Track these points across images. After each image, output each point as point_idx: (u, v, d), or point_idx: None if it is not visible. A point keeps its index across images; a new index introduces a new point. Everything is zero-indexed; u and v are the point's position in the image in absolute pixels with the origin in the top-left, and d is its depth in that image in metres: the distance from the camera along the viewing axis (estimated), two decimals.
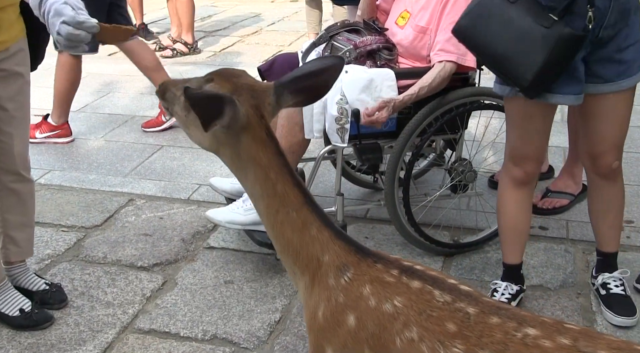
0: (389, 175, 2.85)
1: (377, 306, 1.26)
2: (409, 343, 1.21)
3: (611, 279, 2.66)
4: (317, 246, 1.36)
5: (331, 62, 1.45)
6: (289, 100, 1.44)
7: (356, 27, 3.03)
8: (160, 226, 3.33)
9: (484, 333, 1.15)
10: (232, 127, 1.35)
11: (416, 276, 1.27)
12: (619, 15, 2.18)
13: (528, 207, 2.60)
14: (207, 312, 2.67)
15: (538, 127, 2.41)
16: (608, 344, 1.08)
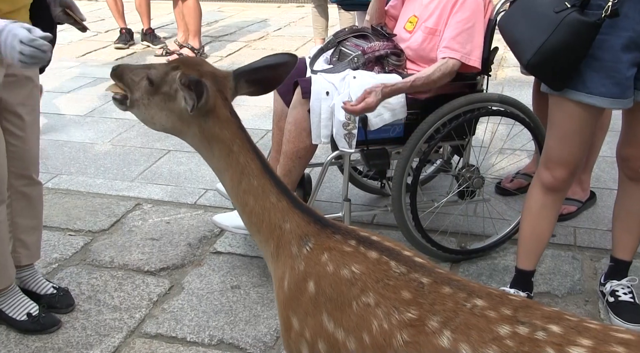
0: (396, 181, 2.84)
1: (335, 272, 1.33)
2: (365, 307, 1.27)
3: (620, 286, 2.64)
4: (277, 214, 1.44)
5: (286, 58, 1.56)
6: (244, 88, 1.56)
7: (364, 32, 3.04)
8: (167, 231, 3.33)
9: (437, 301, 1.23)
10: (201, 109, 1.46)
11: (373, 247, 1.35)
12: None
13: (553, 215, 2.53)
14: (213, 317, 2.67)
15: (576, 131, 2.31)
16: (542, 314, 1.16)
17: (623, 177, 2.54)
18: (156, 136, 4.58)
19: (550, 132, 2.40)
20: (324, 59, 3.03)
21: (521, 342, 1.13)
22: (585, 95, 2.21)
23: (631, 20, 2.08)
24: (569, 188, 2.53)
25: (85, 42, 7.50)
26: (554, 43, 2.10)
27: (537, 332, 1.13)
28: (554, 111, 2.36)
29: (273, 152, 3.13)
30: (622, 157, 2.48)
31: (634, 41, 2.10)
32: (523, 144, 3.83)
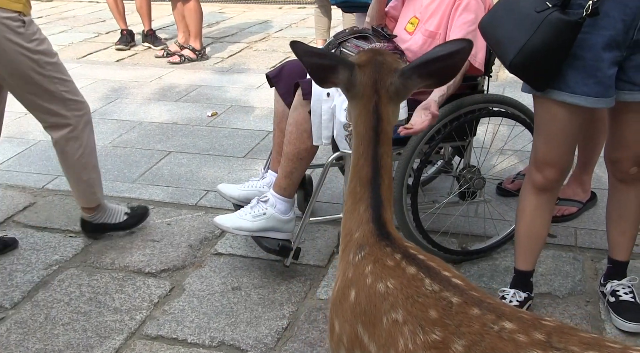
0: (397, 182, 2.84)
1: (371, 285, 1.33)
2: (394, 323, 1.25)
3: (620, 286, 2.64)
4: (356, 222, 1.46)
5: (461, 45, 1.47)
6: (417, 83, 1.49)
7: (365, 33, 3.03)
8: (168, 232, 3.33)
9: (463, 323, 1.18)
10: (350, 90, 1.50)
11: (414, 263, 1.33)
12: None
13: (546, 215, 2.54)
14: (214, 318, 2.67)
15: (561, 131, 2.32)
16: (579, 340, 1.09)
17: (613, 180, 2.54)
18: (157, 138, 4.59)
19: (537, 133, 2.41)
20: None
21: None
22: (568, 95, 2.21)
23: (612, 19, 2.09)
24: (561, 186, 2.55)
25: (86, 43, 7.51)
26: (535, 43, 2.10)
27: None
28: (538, 112, 2.38)
29: (274, 153, 3.13)
30: (611, 160, 2.48)
31: (614, 40, 2.10)
32: (524, 145, 3.82)
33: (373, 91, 1.47)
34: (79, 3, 10.30)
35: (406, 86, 1.49)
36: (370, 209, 1.44)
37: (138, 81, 5.98)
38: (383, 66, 1.50)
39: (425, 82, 1.50)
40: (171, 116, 5.03)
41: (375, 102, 1.47)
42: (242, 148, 4.35)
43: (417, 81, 1.49)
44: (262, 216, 2.82)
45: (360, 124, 1.50)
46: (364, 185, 1.46)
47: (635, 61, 2.16)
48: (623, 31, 2.10)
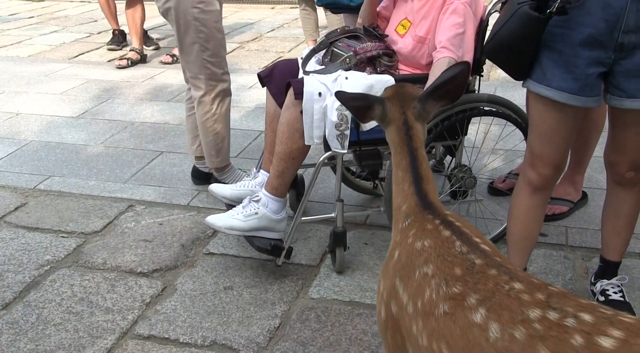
0: (389, 181, 2.85)
1: (411, 243, 1.53)
2: (424, 276, 1.43)
3: (610, 286, 2.66)
4: (402, 198, 1.70)
5: (459, 68, 1.78)
6: (434, 104, 1.81)
7: (356, 33, 3.04)
8: (160, 232, 3.33)
9: (481, 281, 1.32)
10: (384, 120, 1.82)
11: (450, 228, 1.51)
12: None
13: (539, 214, 2.54)
14: (206, 318, 2.67)
15: (552, 128, 2.32)
16: (576, 303, 1.19)
17: (611, 181, 2.55)
18: (149, 138, 4.58)
19: (531, 130, 2.42)
20: (316, 60, 3.04)
21: (549, 326, 1.15)
22: (544, 87, 2.24)
23: (593, 17, 2.09)
24: (555, 185, 2.55)
25: (77, 43, 7.49)
26: (504, 32, 2.22)
27: (568, 318, 1.15)
28: (530, 108, 2.40)
29: (266, 153, 3.13)
30: (608, 162, 2.49)
31: (594, 38, 2.11)
32: (515, 144, 3.84)
33: (401, 112, 1.78)
34: (71, 3, 10.28)
35: (425, 109, 1.80)
36: (412, 186, 1.67)
37: (130, 81, 5.97)
38: (405, 95, 1.82)
39: (440, 103, 1.82)
40: (163, 116, 5.03)
41: (404, 119, 1.77)
42: (235, 147, 4.35)
43: (433, 103, 1.80)
44: (254, 215, 2.82)
45: (394, 137, 1.78)
46: (405, 170, 1.71)
47: (623, 67, 2.15)
48: (606, 31, 2.09)
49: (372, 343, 2.51)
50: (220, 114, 3.47)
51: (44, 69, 6.37)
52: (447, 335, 1.30)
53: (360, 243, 3.20)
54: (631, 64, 2.13)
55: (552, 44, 2.19)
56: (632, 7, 2.05)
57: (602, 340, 1.09)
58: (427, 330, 1.35)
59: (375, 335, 2.54)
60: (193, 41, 3.29)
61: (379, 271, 2.95)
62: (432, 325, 1.34)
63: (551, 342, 1.13)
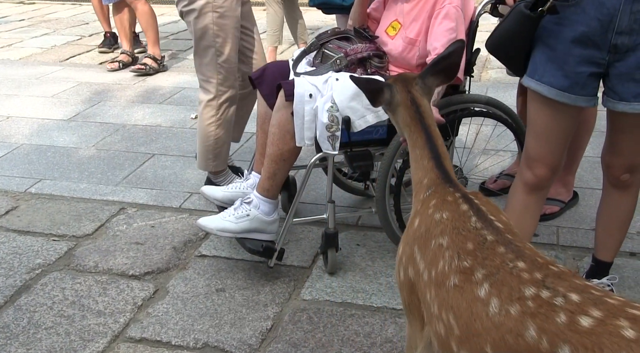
0: (380, 182, 2.86)
1: (431, 214, 1.60)
2: (439, 247, 1.50)
3: (600, 285, 2.67)
4: (423, 172, 1.76)
5: (454, 46, 1.89)
6: (433, 81, 1.90)
7: (347, 34, 3.05)
8: (152, 235, 3.33)
9: (489, 257, 1.40)
10: (391, 104, 1.88)
11: (468, 203, 1.57)
12: (634, 23, 2.06)
13: (534, 214, 2.54)
14: (198, 320, 2.67)
15: (548, 127, 2.33)
16: (569, 284, 1.26)
17: (606, 183, 2.55)
18: (141, 140, 4.58)
19: (528, 129, 2.43)
20: (307, 62, 3.04)
21: (540, 304, 1.23)
22: (535, 82, 2.26)
23: (587, 16, 2.10)
24: (551, 186, 2.54)
25: (69, 46, 7.48)
26: (501, 28, 2.29)
27: (557, 298, 1.22)
28: (529, 107, 2.40)
29: (257, 155, 3.13)
30: (605, 164, 2.49)
31: (587, 36, 2.12)
32: (506, 144, 3.86)
33: (406, 91, 1.86)
34: (62, 5, 10.25)
35: (427, 84, 1.89)
36: (432, 160, 1.74)
37: (121, 84, 5.96)
38: (406, 77, 1.91)
39: (439, 79, 1.91)
40: (155, 119, 5.02)
41: (411, 97, 1.85)
42: None
43: (432, 79, 1.89)
44: (245, 217, 2.82)
45: (406, 117, 1.85)
46: (422, 147, 1.78)
47: (617, 69, 2.15)
48: (600, 31, 2.10)
49: (364, 343, 2.51)
50: (225, 120, 3.40)
51: (35, 71, 6.35)
52: (454, 307, 1.38)
53: (352, 244, 3.21)
54: (624, 67, 2.13)
55: (546, 40, 2.21)
56: (625, 9, 2.05)
57: (582, 319, 1.16)
58: (439, 299, 1.44)
59: (367, 336, 2.55)
60: (209, 45, 3.23)
61: (371, 272, 2.96)
62: (442, 295, 1.43)
63: (539, 319, 1.21)
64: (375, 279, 2.92)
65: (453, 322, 1.37)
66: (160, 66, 6.36)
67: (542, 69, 2.23)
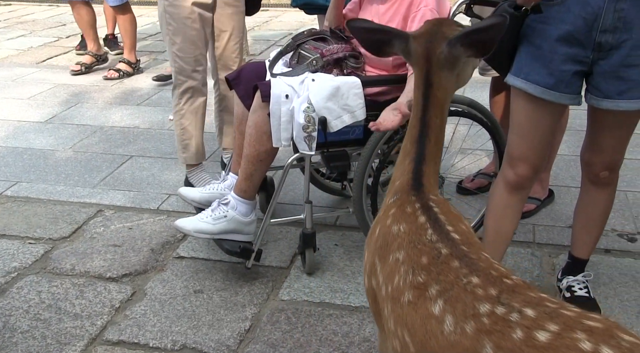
0: (357, 182, 2.87)
1: (389, 225, 1.53)
2: (395, 262, 1.44)
3: (575, 282, 2.70)
4: (400, 172, 1.66)
5: (496, 20, 1.61)
6: (461, 51, 1.64)
7: (323, 35, 3.05)
8: (130, 237, 3.31)
9: (443, 272, 1.34)
10: (408, 59, 1.70)
11: (426, 214, 1.50)
12: (618, 21, 2.08)
13: (516, 213, 2.55)
14: (176, 322, 2.66)
15: (530, 124, 2.34)
16: (524, 298, 1.22)
17: (585, 180, 2.57)
18: (118, 142, 4.55)
19: (511, 128, 2.43)
20: (283, 62, 3.04)
21: (495, 321, 1.19)
22: (520, 80, 2.27)
23: (571, 15, 2.13)
24: (532, 185, 2.56)
25: (46, 47, 7.42)
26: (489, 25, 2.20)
27: (513, 313, 1.19)
28: (512, 105, 2.41)
29: (234, 156, 3.13)
30: (584, 161, 2.51)
31: (572, 35, 2.14)
32: (482, 143, 3.88)
33: (424, 60, 1.64)
34: (39, 7, 10.16)
35: (453, 54, 1.64)
36: (413, 163, 1.63)
37: (99, 85, 5.92)
38: (436, 35, 1.66)
39: (468, 52, 1.64)
40: (132, 120, 5.00)
41: (426, 70, 1.64)
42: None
43: (461, 50, 1.63)
44: (223, 218, 2.82)
45: (415, 90, 1.68)
46: (413, 142, 1.65)
47: (601, 67, 2.18)
48: (585, 29, 2.12)
49: (342, 343, 2.52)
50: (188, 111, 3.48)
51: (11, 73, 6.29)
52: (409, 324, 1.33)
53: (331, 244, 3.22)
54: (608, 65, 2.16)
55: (531, 39, 2.23)
56: (609, 7, 2.08)
57: (539, 334, 1.14)
58: (394, 315, 1.39)
59: (345, 336, 2.56)
60: (165, 33, 3.38)
61: (349, 272, 2.97)
62: (398, 311, 1.38)
63: (495, 336, 1.17)
64: (353, 279, 2.93)
65: (408, 340, 1.33)
66: (135, 70, 6.29)
67: (527, 68, 2.25)
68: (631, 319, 2.63)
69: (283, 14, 9.16)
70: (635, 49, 2.11)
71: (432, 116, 1.64)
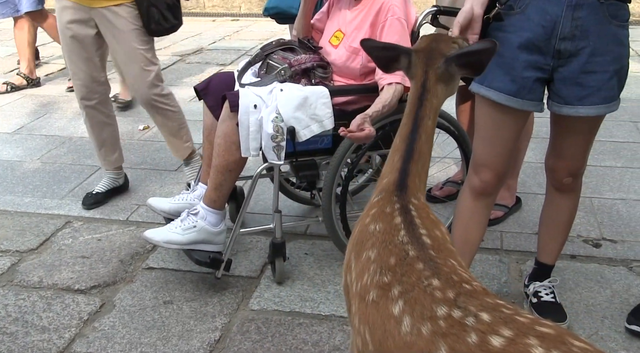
0: (326, 191, 2.88)
1: (367, 224, 1.55)
2: (367, 260, 1.46)
3: (542, 287, 2.74)
4: (388, 169, 1.68)
5: (486, 45, 1.69)
6: (457, 70, 1.73)
7: (291, 45, 3.07)
8: (98, 248, 3.29)
9: (407, 273, 1.36)
10: (408, 73, 1.77)
11: (402, 215, 1.52)
12: (576, 29, 2.13)
13: (482, 220, 2.57)
14: (145, 333, 2.65)
15: (494, 131, 2.38)
16: (481, 303, 1.24)
17: (549, 186, 2.61)
18: (87, 153, 4.52)
19: (476, 135, 2.47)
20: (252, 73, 3.05)
21: (452, 324, 1.21)
22: (484, 88, 2.30)
23: (531, 23, 2.18)
24: (498, 192, 2.59)
25: (14, 57, 7.33)
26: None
27: (469, 317, 1.20)
28: (477, 113, 2.44)
29: (204, 166, 3.13)
30: (548, 167, 2.55)
31: (532, 42, 2.18)
32: (450, 151, 3.92)
33: (423, 71, 1.73)
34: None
35: (449, 71, 1.73)
36: (401, 160, 1.65)
37: (68, 96, 5.87)
38: (435, 51, 1.76)
39: (463, 71, 1.75)
40: None
41: (424, 80, 1.72)
42: (174, 161, 4.33)
43: (456, 69, 1.73)
44: (192, 228, 2.82)
45: (411, 95, 1.74)
46: (403, 140, 1.68)
47: (561, 74, 2.22)
48: (544, 37, 2.17)
49: (312, 352, 2.52)
50: (85, 118, 3.66)
51: None
52: (370, 322, 1.35)
53: (301, 253, 3.22)
54: (568, 71, 2.20)
55: None
56: (567, 15, 2.13)
57: (493, 338, 1.15)
58: (359, 312, 1.41)
59: (315, 345, 2.56)
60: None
61: (319, 281, 2.98)
62: (362, 309, 1.40)
63: (450, 339, 1.19)
64: (323, 287, 2.94)
65: (368, 338, 1.35)
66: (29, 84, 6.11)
67: (491, 76, 2.28)
68: (596, 324, 2.67)
69: (254, 24, 9.18)
70: (593, 56, 2.16)
71: (424, 116, 1.69)
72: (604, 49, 2.18)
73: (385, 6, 2.83)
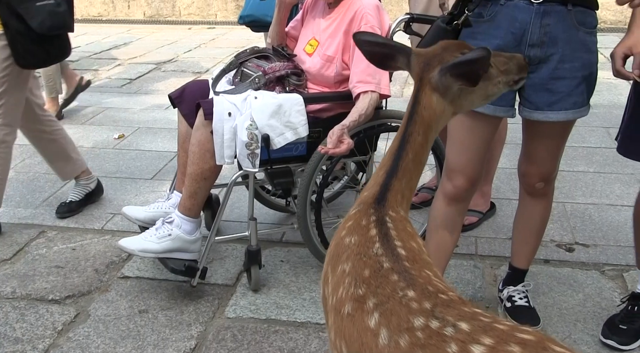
0: (301, 198, 2.89)
1: (343, 237, 1.53)
2: (342, 273, 1.44)
3: (515, 292, 2.76)
4: (372, 183, 1.63)
5: (480, 54, 1.58)
6: (451, 81, 1.63)
7: (266, 53, 3.08)
8: (73, 258, 3.26)
9: (382, 285, 1.34)
10: (410, 73, 1.69)
11: (378, 228, 1.49)
12: (544, 36, 2.18)
13: (455, 225, 2.59)
14: (120, 343, 2.63)
15: (467, 137, 2.41)
16: (458, 312, 1.23)
17: (522, 192, 2.64)
18: None
19: (449, 141, 2.49)
20: (226, 80, 3.06)
21: (430, 335, 1.19)
22: None
23: (501, 30, 2.22)
24: (471, 198, 2.61)
25: None
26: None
27: (447, 328, 1.19)
28: (450, 122, 2.46)
29: (179, 174, 3.12)
30: (520, 172, 2.58)
31: (502, 49, 2.18)
32: None
33: (418, 79, 1.65)
34: None
35: (442, 82, 1.63)
36: (385, 175, 1.60)
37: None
38: (434, 59, 1.66)
39: (458, 82, 1.65)
40: (77, 139, 4.90)
41: (417, 89, 1.64)
42: (150, 169, 4.31)
43: (451, 80, 1.63)
44: (167, 237, 2.81)
45: (408, 105, 1.67)
46: (390, 155, 1.63)
47: (531, 80, 2.25)
48: (513, 44, 2.21)
49: None
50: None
51: None
52: (346, 336, 1.33)
53: (277, 260, 3.23)
54: (538, 77, 2.24)
55: None
56: (535, 23, 2.17)
57: (474, 347, 1.14)
58: (335, 326, 1.39)
59: (291, 352, 2.56)
60: None
61: (295, 288, 2.99)
62: (338, 322, 1.38)
63: (430, 350, 1.17)
64: (299, 294, 2.94)
65: (345, 352, 1.33)
66: None
67: None
68: (569, 327, 2.71)
69: (230, 32, 9.18)
70: (562, 62, 2.21)
71: (413, 132, 1.61)
72: (572, 56, 2.22)
73: (359, 14, 2.85)
